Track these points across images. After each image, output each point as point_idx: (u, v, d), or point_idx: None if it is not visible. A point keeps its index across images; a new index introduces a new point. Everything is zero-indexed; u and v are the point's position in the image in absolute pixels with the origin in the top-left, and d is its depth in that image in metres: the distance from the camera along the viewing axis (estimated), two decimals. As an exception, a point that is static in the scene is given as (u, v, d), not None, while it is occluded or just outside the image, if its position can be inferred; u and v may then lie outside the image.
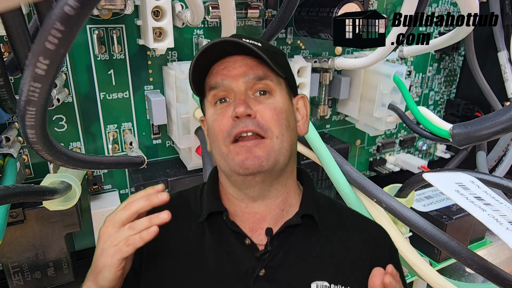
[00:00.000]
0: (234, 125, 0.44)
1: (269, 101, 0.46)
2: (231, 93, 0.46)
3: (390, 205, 0.56)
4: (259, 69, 0.46)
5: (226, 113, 0.45)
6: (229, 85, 0.46)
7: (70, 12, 0.26)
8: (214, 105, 0.48)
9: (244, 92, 0.45)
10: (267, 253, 0.46)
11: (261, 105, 0.45)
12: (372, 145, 1.20)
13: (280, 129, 0.45)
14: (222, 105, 0.47)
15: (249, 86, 0.46)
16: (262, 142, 0.44)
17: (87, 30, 0.72)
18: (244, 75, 0.46)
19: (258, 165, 0.43)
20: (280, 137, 0.45)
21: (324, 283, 0.45)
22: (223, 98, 0.47)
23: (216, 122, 0.46)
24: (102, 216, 0.78)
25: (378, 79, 0.93)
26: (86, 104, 0.78)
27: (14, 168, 0.61)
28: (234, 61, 0.47)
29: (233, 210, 0.49)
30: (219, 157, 0.47)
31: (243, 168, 0.43)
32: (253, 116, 0.44)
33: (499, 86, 1.08)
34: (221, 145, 0.45)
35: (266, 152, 0.44)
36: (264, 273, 0.45)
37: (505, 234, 0.42)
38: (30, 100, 0.32)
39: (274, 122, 0.45)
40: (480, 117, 0.52)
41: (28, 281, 0.73)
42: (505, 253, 1.03)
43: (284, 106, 0.47)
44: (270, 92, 0.47)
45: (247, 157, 0.43)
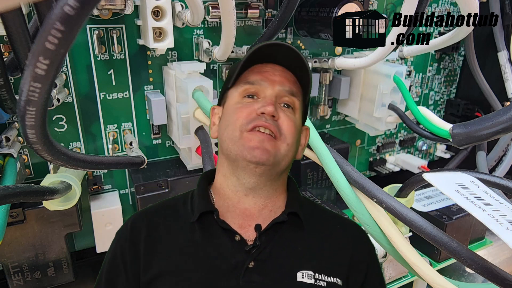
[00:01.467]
0: (257, 118, 0.48)
1: (291, 115, 0.50)
2: (261, 94, 0.50)
3: (390, 205, 0.56)
4: (294, 86, 0.51)
5: (252, 106, 0.49)
6: (265, 87, 0.50)
7: (70, 12, 0.26)
8: (242, 97, 0.51)
9: (275, 98, 0.49)
10: (256, 247, 0.49)
11: (284, 115, 0.50)
12: (372, 145, 1.20)
13: (292, 140, 0.50)
14: (249, 100, 0.50)
15: (280, 96, 0.50)
16: (274, 140, 0.48)
17: (87, 30, 0.72)
18: (281, 84, 0.50)
19: (265, 158, 0.47)
20: (289, 146, 0.49)
21: (308, 272, 0.48)
22: (252, 94, 0.50)
23: (239, 109, 0.49)
24: (102, 216, 0.78)
25: (378, 79, 0.93)
26: (86, 104, 0.78)
27: (14, 168, 0.61)
28: (275, 68, 0.51)
29: (225, 206, 0.52)
30: (229, 140, 0.49)
31: (252, 154, 0.47)
32: (277, 118, 0.48)
33: (499, 86, 1.08)
34: (236, 129, 0.48)
35: (275, 150, 0.48)
36: (253, 265, 0.48)
37: (505, 234, 0.42)
38: (30, 100, 0.32)
39: (291, 132, 0.49)
40: (480, 117, 0.52)
41: (28, 281, 0.73)
42: (505, 253, 1.03)
43: (299, 126, 0.52)
44: (293, 108, 0.51)
45: (258, 147, 0.47)
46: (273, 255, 0.49)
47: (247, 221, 0.51)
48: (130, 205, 0.90)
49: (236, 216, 0.51)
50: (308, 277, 0.48)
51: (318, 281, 0.48)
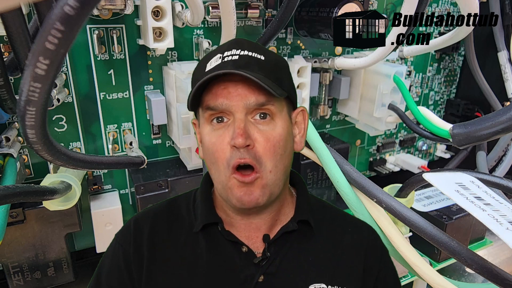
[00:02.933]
0: (232, 155, 0.43)
1: (269, 128, 0.45)
2: (229, 115, 0.45)
3: (390, 205, 0.56)
4: (261, 94, 0.44)
5: (225, 137, 0.44)
6: (229, 109, 0.44)
7: (70, 12, 0.26)
8: (210, 123, 0.46)
9: (244, 119, 0.44)
10: (265, 259, 0.46)
11: (260, 133, 0.44)
12: (372, 145, 1.20)
13: (274, 162, 0.44)
14: (219, 125, 0.45)
15: (250, 111, 0.44)
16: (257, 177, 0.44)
17: (87, 30, 0.72)
18: (245, 100, 0.43)
19: (254, 203, 0.44)
20: (273, 170, 0.44)
21: (321, 285, 0.46)
22: (220, 117, 0.45)
23: (214, 146, 0.45)
24: (102, 216, 0.78)
25: (378, 79, 0.93)
26: (86, 104, 0.78)
27: (14, 168, 0.61)
28: (235, 81, 0.44)
29: (228, 220, 0.49)
30: (218, 183, 0.46)
31: (241, 203, 0.44)
32: (251, 146, 0.43)
33: (499, 86, 1.08)
34: (221, 173, 0.45)
35: (261, 189, 0.44)
36: (263, 279, 0.45)
37: (505, 234, 0.42)
38: (30, 100, 0.32)
39: (269, 154, 0.44)
40: (480, 117, 0.52)
41: (28, 281, 0.73)
42: (505, 253, 1.03)
43: (283, 132, 0.46)
44: (270, 116, 0.45)
45: (244, 194, 0.44)
46: (283, 268, 0.46)
47: (254, 232, 0.49)
48: (130, 205, 0.90)
49: (242, 229, 0.49)
50: None
51: None
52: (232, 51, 0.45)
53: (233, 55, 0.44)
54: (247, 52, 0.44)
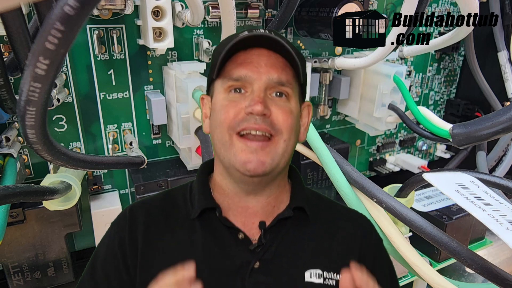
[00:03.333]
0: (245, 119, 0.44)
1: (285, 104, 0.46)
2: (249, 87, 0.45)
3: (390, 205, 0.57)
4: (284, 73, 0.46)
5: (239, 103, 0.45)
6: (251, 81, 0.45)
7: (70, 12, 0.26)
8: (228, 92, 0.46)
9: (264, 91, 0.45)
10: (261, 246, 0.47)
11: (277, 107, 0.45)
12: (372, 145, 1.20)
13: (289, 133, 0.46)
14: (236, 95, 0.46)
15: (269, 87, 0.45)
16: (268, 144, 0.44)
17: (87, 30, 0.72)
18: (268, 76, 0.45)
19: (261, 170, 0.44)
20: (287, 141, 0.45)
21: (317, 270, 0.46)
22: (239, 88, 0.46)
23: (226, 108, 0.45)
24: (102, 216, 0.78)
25: (378, 79, 0.93)
26: (86, 104, 0.78)
27: (14, 168, 0.61)
28: (260, 55, 0.46)
29: (226, 204, 0.49)
30: (220, 144, 0.46)
31: (245, 169, 0.43)
32: (269, 115, 0.44)
33: (499, 86, 1.08)
34: (224, 132, 0.45)
35: (271, 157, 0.44)
36: (259, 265, 0.46)
37: (505, 234, 0.42)
38: (30, 100, 0.32)
39: (286, 125, 0.45)
40: (480, 117, 0.52)
41: (28, 281, 0.73)
42: (505, 253, 1.03)
43: (296, 112, 0.47)
44: (286, 96, 0.47)
45: (251, 160, 0.43)
46: (279, 254, 0.47)
47: (250, 218, 0.49)
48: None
49: (238, 214, 0.49)
50: (316, 276, 0.46)
51: (327, 279, 0.46)
52: (260, 31, 0.45)
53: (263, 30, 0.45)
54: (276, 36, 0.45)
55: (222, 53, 0.45)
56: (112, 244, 0.49)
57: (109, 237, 0.50)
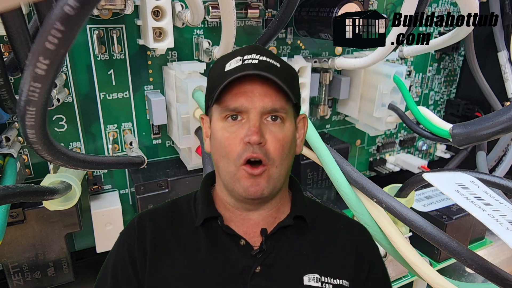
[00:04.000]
0: (245, 149, 0.46)
1: (279, 129, 0.48)
2: (244, 115, 0.48)
3: (390, 205, 0.57)
4: (277, 100, 0.48)
5: (238, 133, 0.47)
6: (246, 110, 0.47)
7: (70, 12, 0.26)
8: (225, 120, 0.48)
9: (259, 119, 0.47)
10: (262, 251, 0.49)
11: (271, 134, 0.48)
12: (372, 145, 1.20)
13: (281, 159, 0.48)
14: (234, 123, 0.48)
15: (264, 113, 0.48)
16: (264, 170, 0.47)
17: (87, 30, 0.72)
18: (262, 104, 0.47)
19: (260, 193, 0.47)
20: (279, 166, 0.48)
21: (315, 275, 0.49)
22: (235, 115, 0.48)
23: (228, 140, 0.48)
24: (102, 216, 0.78)
25: (378, 79, 0.93)
26: (86, 104, 0.78)
27: (14, 168, 0.61)
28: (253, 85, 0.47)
29: (228, 216, 0.52)
30: (226, 173, 0.49)
31: (247, 193, 0.47)
32: (263, 144, 0.47)
33: (499, 86, 1.08)
34: (231, 164, 0.48)
35: (267, 181, 0.47)
36: (260, 270, 0.48)
37: (505, 234, 0.42)
38: (30, 100, 0.32)
39: (278, 152, 0.48)
40: (480, 117, 0.52)
41: (28, 281, 0.73)
42: (505, 253, 1.03)
43: (290, 134, 0.50)
44: (281, 119, 0.49)
45: (251, 184, 0.47)
46: (279, 259, 0.49)
47: (251, 228, 0.51)
48: (130, 205, 0.90)
49: (240, 225, 0.51)
50: (314, 280, 0.48)
51: (325, 284, 0.48)
52: (252, 55, 0.48)
53: (253, 59, 0.47)
54: (266, 58, 0.48)
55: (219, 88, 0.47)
56: (121, 251, 0.51)
57: (118, 245, 0.53)
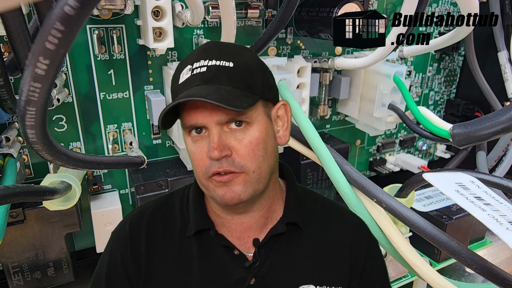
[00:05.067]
0: (211, 164, 0.44)
1: (245, 134, 0.45)
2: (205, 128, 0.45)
3: (390, 205, 0.56)
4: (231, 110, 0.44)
5: (203, 148, 0.45)
6: (205, 124, 0.44)
7: (70, 12, 0.26)
8: (190, 134, 0.47)
9: (219, 131, 0.44)
10: (256, 262, 0.48)
11: (237, 141, 0.45)
12: (372, 145, 1.20)
13: (256, 163, 0.45)
14: (198, 136, 0.46)
15: (224, 122, 0.44)
16: (236, 176, 0.44)
17: (87, 30, 0.72)
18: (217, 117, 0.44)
19: (237, 199, 0.44)
20: (256, 171, 0.45)
21: (310, 286, 0.48)
22: (198, 128, 0.46)
23: (194, 156, 0.46)
24: (102, 216, 0.78)
25: (378, 79, 0.93)
26: (86, 104, 0.78)
27: (14, 168, 0.61)
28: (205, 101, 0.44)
29: (220, 222, 0.51)
30: (201, 185, 0.48)
31: (223, 201, 0.45)
32: (229, 155, 0.44)
33: (499, 86, 1.07)
34: (201, 178, 0.46)
35: (243, 185, 0.45)
36: (254, 282, 0.47)
37: (505, 234, 0.42)
38: (30, 100, 0.32)
39: (250, 158, 0.44)
40: (480, 117, 0.52)
41: (28, 281, 0.73)
42: (505, 253, 1.03)
43: (260, 135, 0.45)
44: (246, 122, 0.45)
45: (225, 191, 0.44)
46: (273, 269, 0.48)
47: (244, 232, 0.50)
48: (130, 205, 0.90)
49: (233, 230, 0.50)
50: None
51: None
52: (200, 62, 0.45)
53: (201, 67, 0.44)
54: (215, 62, 0.44)
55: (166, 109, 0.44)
56: (114, 259, 0.50)
57: (110, 251, 0.51)
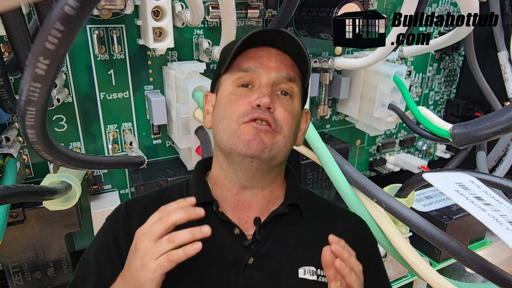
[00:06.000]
0: (253, 111, 0.46)
1: (288, 103, 0.48)
2: (256, 82, 0.47)
3: (390, 205, 0.56)
4: (292, 70, 0.48)
5: (247, 97, 0.46)
6: (260, 74, 0.47)
7: (70, 12, 0.26)
8: (236, 87, 0.48)
9: (271, 86, 0.47)
10: (256, 242, 0.47)
11: (280, 104, 0.47)
12: (372, 145, 1.20)
13: (289, 131, 0.47)
14: (244, 90, 0.47)
15: (277, 82, 0.47)
16: (271, 132, 0.46)
17: (87, 30, 0.72)
18: (277, 70, 0.47)
19: (261, 150, 0.45)
20: (286, 137, 0.47)
21: (311, 268, 0.47)
22: (247, 83, 0.48)
23: (235, 101, 0.47)
24: (102, 216, 0.77)
25: (378, 79, 0.93)
26: (86, 104, 0.78)
27: (14, 168, 0.61)
28: (270, 52, 0.48)
29: (224, 196, 0.50)
30: (224, 133, 0.47)
31: (247, 146, 0.45)
32: (272, 110, 0.46)
33: (499, 86, 1.08)
34: (233, 122, 0.46)
35: (271, 143, 0.46)
36: (252, 261, 0.46)
37: (505, 234, 0.42)
38: (30, 100, 0.32)
39: (287, 123, 0.47)
40: (480, 117, 0.52)
41: (28, 281, 0.73)
42: (505, 253, 1.03)
43: (297, 112, 0.49)
44: (291, 95, 0.49)
45: (254, 138, 0.45)
46: (273, 250, 0.47)
47: (245, 212, 0.50)
48: (130, 205, 0.90)
49: (235, 207, 0.50)
50: (310, 273, 0.47)
51: (321, 277, 0.47)
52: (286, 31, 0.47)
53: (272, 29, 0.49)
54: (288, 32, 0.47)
55: (235, 47, 0.46)
56: (106, 237, 0.49)
57: (103, 230, 0.51)
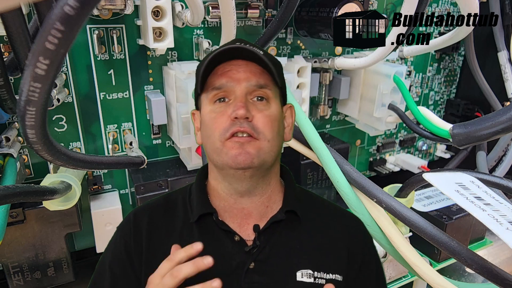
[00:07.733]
0: (232, 124, 0.47)
1: (265, 108, 0.49)
2: (231, 95, 0.49)
3: (390, 205, 0.56)
4: (261, 77, 0.50)
5: (225, 112, 0.48)
6: (232, 88, 0.49)
7: (70, 12, 0.26)
8: (213, 103, 0.50)
9: (245, 96, 0.49)
10: (256, 247, 0.49)
11: (258, 111, 0.49)
12: (372, 145, 1.20)
13: (272, 135, 0.49)
14: (221, 104, 0.49)
15: (250, 91, 0.49)
16: (254, 141, 0.47)
17: (87, 30, 0.72)
18: (247, 80, 0.49)
19: (249, 161, 0.47)
20: (271, 141, 0.49)
21: (308, 271, 0.49)
22: (223, 98, 0.50)
23: (215, 119, 0.49)
24: (102, 216, 0.78)
25: (378, 79, 0.93)
26: (86, 104, 0.78)
27: (14, 168, 0.61)
28: (238, 65, 0.50)
29: (222, 206, 0.52)
30: (213, 151, 0.49)
31: (235, 162, 0.47)
32: (250, 119, 0.48)
33: (499, 86, 1.08)
34: (216, 140, 0.48)
35: (257, 151, 0.47)
36: (253, 266, 0.48)
37: (505, 234, 0.42)
38: (30, 100, 0.32)
39: (267, 128, 0.48)
40: (480, 117, 0.52)
41: (28, 281, 0.73)
42: (505, 253, 1.03)
43: (277, 114, 0.51)
44: (267, 100, 0.50)
45: (240, 153, 0.46)
46: (273, 255, 0.49)
47: (245, 219, 0.52)
48: (130, 205, 0.90)
49: (234, 216, 0.52)
50: (307, 276, 0.49)
51: (318, 279, 0.49)
52: (236, 44, 0.49)
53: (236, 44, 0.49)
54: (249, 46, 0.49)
55: (202, 67, 0.49)
56: (118, 248, 0.52)
57: (115, 242, 0.53)
